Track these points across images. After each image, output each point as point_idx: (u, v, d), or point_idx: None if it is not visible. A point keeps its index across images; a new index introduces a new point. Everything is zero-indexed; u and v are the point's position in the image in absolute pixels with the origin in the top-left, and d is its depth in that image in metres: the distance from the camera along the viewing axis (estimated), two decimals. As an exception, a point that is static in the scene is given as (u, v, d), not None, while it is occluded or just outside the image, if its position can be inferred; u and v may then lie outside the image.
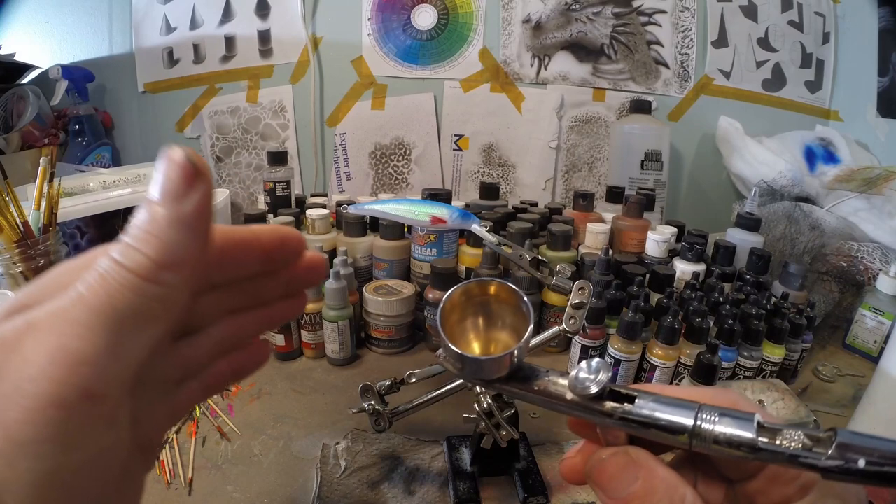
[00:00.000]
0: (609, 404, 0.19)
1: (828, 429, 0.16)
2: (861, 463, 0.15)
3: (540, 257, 0.50)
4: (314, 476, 0.44)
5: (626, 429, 0.19)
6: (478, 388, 0.40)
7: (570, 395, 0.19)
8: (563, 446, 0.48)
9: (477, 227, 0.50)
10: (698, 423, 0.17)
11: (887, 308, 0.64)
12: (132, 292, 0.15)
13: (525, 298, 0.21)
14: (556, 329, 0.43)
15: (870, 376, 0.49)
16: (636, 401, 0.18)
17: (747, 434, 0.16)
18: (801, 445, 0.16)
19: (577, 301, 0.43)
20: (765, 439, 0.16)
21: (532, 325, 0.21)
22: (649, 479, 0.18)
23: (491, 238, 0.50)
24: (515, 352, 0.20)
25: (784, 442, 0.16)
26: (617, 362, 0.53)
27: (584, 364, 0.20)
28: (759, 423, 0.17)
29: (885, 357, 0.47)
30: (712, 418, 0.17)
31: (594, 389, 0.19)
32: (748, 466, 0.19)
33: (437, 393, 0.42)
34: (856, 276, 0.70)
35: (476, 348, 0.23)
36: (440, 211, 0.52)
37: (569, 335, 0.44)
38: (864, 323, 0.66)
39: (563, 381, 0.20)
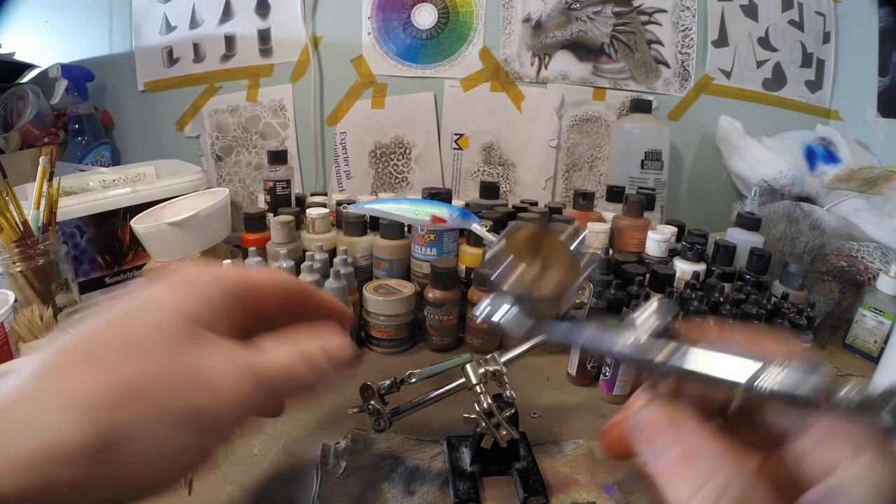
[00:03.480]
0: (665, 349, 0.18)
1: (889, 387, 0.15)
2: None
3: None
4: (314, 476, 0.44)
5: (682, 377, 0.18)
6: (478, 388, 0.40)
7: (625, 340, 0.19)
8: (563, 447, 0.48)
9: (477, 227, 0.50)
10: (760, 372, 0.16)
11: (887, 308, 0.64)
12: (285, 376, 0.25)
13: (582, 243, 0.21)
14: None
15: (870, 376, 0.49)
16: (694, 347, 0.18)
17: (810, 385, 0.16)
18: (863, 399, 0.15)
19: (577, 301, 0.43)
20: (827, 391, 0.16)
21: (585, 274, 0.20)
22: (690, 440, 0.17)
23: (491, 237, 0.50)
24: (572, 291, 0.20)
25: (849, 394, 0.15)
26: (617, 362, 0.53)
27: (645, 307, 0.19)
28: (821, 374, 0.16)
29: (885, 357, 0.47)
30: (775, 368, 0.16)
31: (651, 331, 0.18)
32: (797, 424, 0.18)
33: (436, 393, 0.42)
34: (856, 276, 0.70)
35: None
36: (440, 210, 0.53)
37: None
38: (864, 323, 0.66)
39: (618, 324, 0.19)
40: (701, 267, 0.65)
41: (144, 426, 0.20)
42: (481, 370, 0.40)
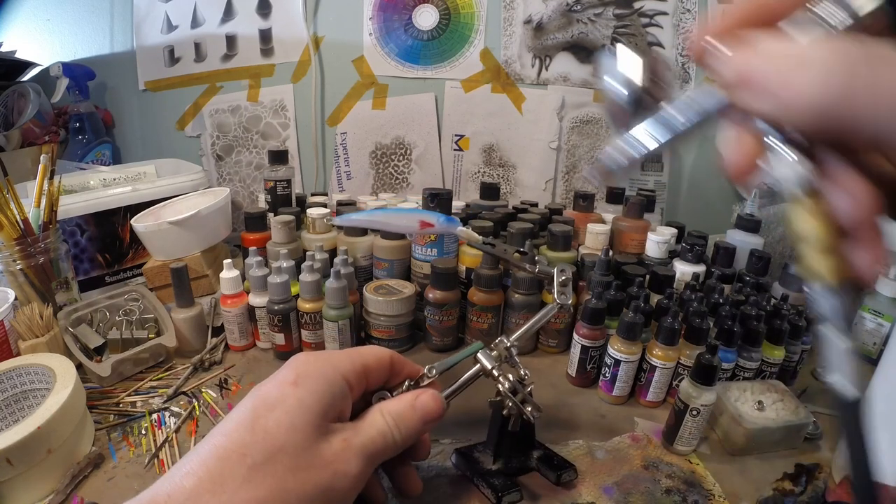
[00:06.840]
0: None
1: None
2: None
3: (521, 249, 0.51)
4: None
5: None
6: (495, 371, 0.40)
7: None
8: (563, 447, 0.48)
9: (461, 230, 0.50)
10: None
11: (886, 310, 0.64)
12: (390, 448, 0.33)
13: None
14: (551, 305, 0.46)
15: (869, 378, 0.49)
16: None
17: None
18: None
19: (562, 279, 0.45)
20: None
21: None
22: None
23: (475, 237, 0.51)
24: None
25: None
26: (617, 363, 0.53)
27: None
28: None
29: (885, 359, 0.47)
30: None
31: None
32: None
33: (457, 385, 0.41)
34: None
35: None
36: (427, 217, 0.53)
37: (563, 308, 0.46)
38: (864, 325, 0.66)
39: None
40: (701, 268, 0.65)
41: None
42: (494, 353, 0.41)
